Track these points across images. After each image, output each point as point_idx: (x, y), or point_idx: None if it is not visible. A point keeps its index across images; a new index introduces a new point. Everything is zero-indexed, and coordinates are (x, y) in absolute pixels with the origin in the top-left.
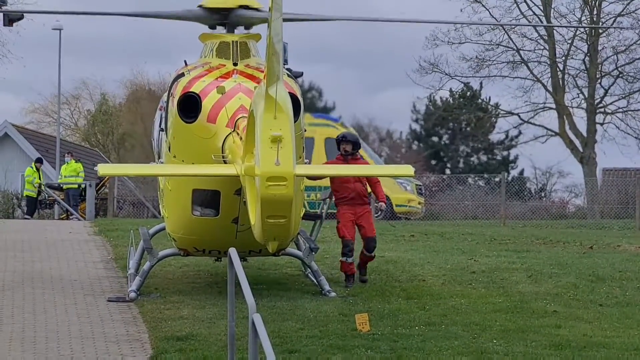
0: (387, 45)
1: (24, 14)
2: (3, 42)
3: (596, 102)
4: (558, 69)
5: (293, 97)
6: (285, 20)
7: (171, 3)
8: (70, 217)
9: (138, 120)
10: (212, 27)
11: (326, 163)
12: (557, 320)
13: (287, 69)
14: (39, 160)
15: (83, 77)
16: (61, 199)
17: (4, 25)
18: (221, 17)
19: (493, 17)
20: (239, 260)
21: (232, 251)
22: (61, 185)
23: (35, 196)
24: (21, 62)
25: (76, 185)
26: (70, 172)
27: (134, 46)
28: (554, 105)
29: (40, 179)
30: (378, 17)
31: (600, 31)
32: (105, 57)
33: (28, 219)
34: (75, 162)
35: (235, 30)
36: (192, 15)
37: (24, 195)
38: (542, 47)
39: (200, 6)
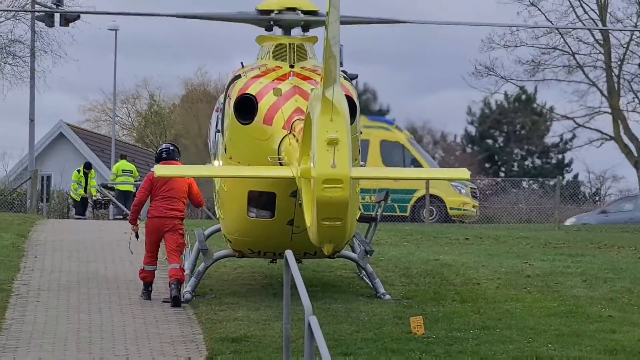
0: (441, 46)
1: (80, 15)
2: (59, 43)
3: None
4: (613, 74)
5: (349, 99)
6: (342, 23)
7: (219, 5)
8: (127, 218)
9: (193, 120)
10: (269, 29)
11: None
12: (611, 325)
13: (343, 71)
14: (87, 166)
15: (146, 76)
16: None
17: (60, 25)
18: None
19: (549, 20)
20: (295, 262)
21: (289, 253)
22: (113, 186)
23: (78, 199)
24: (77, 64)
25: (131, 186)
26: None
27: (194, 47)
28: (609, 110)
29: (87, 183)
30: (432, 19)
31: None
32: (167, 57)
33: (79, 218)
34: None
35: (292, 33)
36: (264, 18)
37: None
38: (597, 52)
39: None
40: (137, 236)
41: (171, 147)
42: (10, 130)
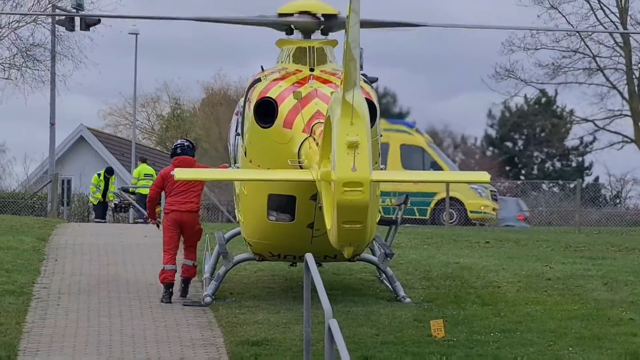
0: (461, 48)
1: (101, 19)
2: (80, 48)
3: None
4: (634, 76)
5: (369, 102)
6: (362, 26)
7: (241, 7)
8: (147, 221)
9: (213, 124)
10: (289, 32)
11: None
12: (632, 328)
13: (363, 75)
14: (109, 171)
15: (166, 79)
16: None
17: (81, 29)
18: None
19: (569, 23)
20: (315, 265)
21: (309, 256)
22: (134, 190)
23: (96, 203)
24: (97, 68)
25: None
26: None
27: (213, 50)
28: (629, 112)
29: (107, 188)
30: (451, 22)
31: None
32: (187, 61)
33: (99, 222)
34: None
35: (312, 36)
36: (279, 21)
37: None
38: (618, 54)
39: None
40: (158, 226)
41: (186, 143)
42: (31, 134)
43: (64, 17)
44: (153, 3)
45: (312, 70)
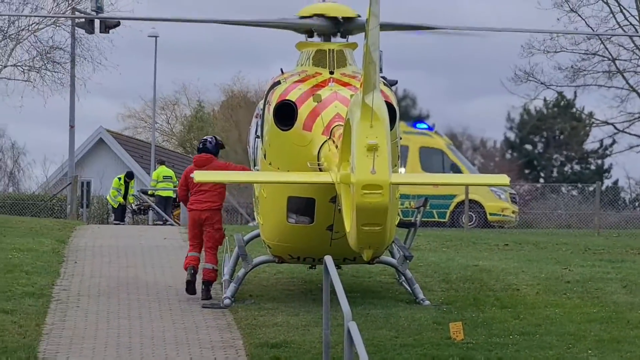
0: (480, 51)
1: (120, 21)
2: (100, 50)
3: None
4: None
5: (389, 105)
6: (382, 29)
7: (260, 10)
8: (167, 223)
9: (232, 126)
10: (309, 35)
11: None
12: None
13: (382, 77)
14: (129, 176)
15: (184, 81)
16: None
17: (100, 32)
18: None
19: (589, 26)
20: (335, 267)
21: (328, 259)
22: (154, 192)
23: (115, 206)
24: (117, 70)
25: (171, 192)
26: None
27: (232, 53)
28: None
29: (127, 191)
30: (472, 25)
31: None
32: (205, 63)
33: (118, 224)
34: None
35: (332, 39)
36: (299, 24)
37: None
38: (638, 57)
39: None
40: None
41: (209, 139)
42: (50, 137)
43: (83, 19)
44: (171, 5)
45: (331, 73)
